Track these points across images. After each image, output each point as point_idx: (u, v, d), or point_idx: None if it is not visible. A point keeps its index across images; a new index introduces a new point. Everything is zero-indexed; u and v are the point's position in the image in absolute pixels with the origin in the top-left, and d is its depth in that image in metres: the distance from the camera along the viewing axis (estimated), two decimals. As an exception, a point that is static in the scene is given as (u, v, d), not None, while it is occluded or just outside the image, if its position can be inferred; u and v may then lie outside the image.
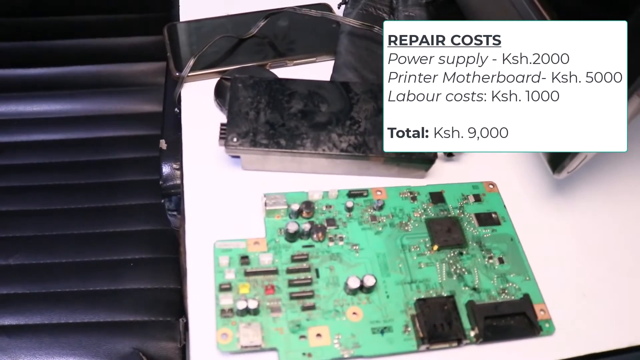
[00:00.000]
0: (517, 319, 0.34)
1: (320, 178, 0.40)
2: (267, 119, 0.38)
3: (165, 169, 0.47)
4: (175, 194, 0.47)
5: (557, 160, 0.36)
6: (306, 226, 0.36)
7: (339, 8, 0.50)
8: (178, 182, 0.47)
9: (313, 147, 0.38)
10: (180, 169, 0.43)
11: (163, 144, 0.47)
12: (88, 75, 0.75)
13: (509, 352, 0.33)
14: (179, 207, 0.48)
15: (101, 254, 0.63)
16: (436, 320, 0.33)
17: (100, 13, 0.72)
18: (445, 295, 0.35)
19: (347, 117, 0.39)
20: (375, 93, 0.40)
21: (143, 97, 0.76)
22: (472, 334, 0.33)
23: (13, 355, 0.57)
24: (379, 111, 0.39)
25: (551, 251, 0.38)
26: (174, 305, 0.60)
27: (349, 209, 0.38)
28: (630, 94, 0.31)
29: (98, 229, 0.65)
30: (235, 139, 0.37)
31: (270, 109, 0.39)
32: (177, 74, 0.45)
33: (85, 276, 0.61)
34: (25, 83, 0.75)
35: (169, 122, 0.51)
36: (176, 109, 0.46)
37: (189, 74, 0.44)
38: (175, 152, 0.47)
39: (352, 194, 0.39)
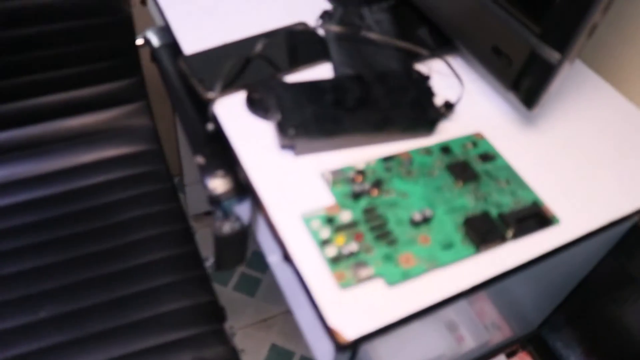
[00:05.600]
0: (535, 218, 0.46)
1: (356, 151, 0.49)
2: (312, 111, 0.47)
3: (211, 180, 0.53)
4: (221, 201, 0.54)
5: (531, 100, 0.48)
6: (366, 186, 0.45)
7: (316, 22, 0.60)
8: (224, 188, 0.54)
9: (352, 127, 0.47)
10: (230, 174, 0.50)
11: (201, 159, 0.54)
12: (62, 129, 0.78)
13: (536, 241, 0.45)
14: (224, 213, 0.55)
15: (129, 288, 0.67)
16: (483, 229, 0.44)
17: (64, 67, 0.75)
18: (480, 212, 0.46)
19: (369, 99, 0.49)
20: (381, 78, 0.51)
21: (119, 140, 0.80)
22: (510, 233, 0.45)
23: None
24: (389, 91, 0.50)
25: (537, 166, 0.50)
26: (214, 314, 0.66)
27: (389, 170, 0.48)
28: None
29: (119, 267, 0.68)
30: (292, 131, 0.46)
31: (311, 103, 0.48)
32: (210, 95, 0.52)
33: (122, 311, 0.65)
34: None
35: (197, 140, 0.57)
36: (209, 126, 0.53)
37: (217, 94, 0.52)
38: (214, 163, 0.54)
39: (386, 159, 0.49)
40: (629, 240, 0.63)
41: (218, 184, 0.54)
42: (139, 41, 0.75)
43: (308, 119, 0.47)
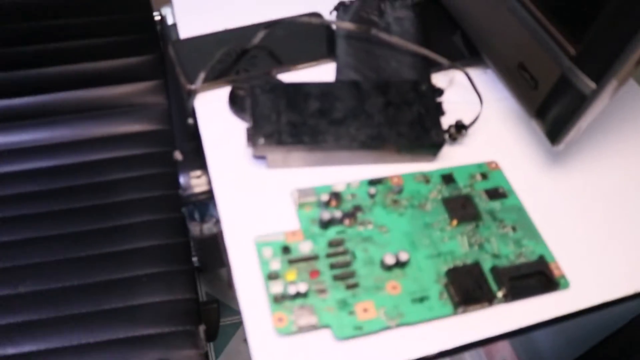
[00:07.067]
0: (537, 277, 0.38)
1: (340, 170, 0.43)
2: (288, 119, 0.41)
3: (184, 179, 0.49)
4: (195, 202, 0.49)
5: (555, 133, 0.40)
6: (337, 214, 0.39)
7: (330, 14, 0.53)
8: (197, 190, 0.49)
9: (334, 142, 0.41)
10: (206, 175, 0.45)
11: (178, 155, 0.49)
12: (75, 100, 0.76)
13: (533, 307, 0.37)
14: (201, 214, 0.50)
15: (112, 273, 0.64)
16: (468, 286, 0.37)
17: (81, 38, 0.72)
18: (470, 263, 0.38)
19: (362, 111, 0.42)
20: (382, 88, 0.44)
21: (131, 117, 0.77)
22: (500, 294, 0.37)
23: (38, 380, 0.57)
24: (389, 104, 0.43)
25: (556, 214, 0.42)
26: (192, 314, 0.62)
27: (372, 196, 0.41)
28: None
29: (105, 250, 0.66)
30: (262, 140, 0.40)
31: (290, 110, 0.42)
32: (191, 86, 0.47)
33: (99, 296, 0.62)
34: (11, 113, 0.75)
35: (180, 134, 0.53)
36: (189, 120, 0.48)
37: (200, 86, 0.47)
38: (192, 162, 0.49)
39: (372, 182, 0.42)
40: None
41: (192, 184, 0.49)
42: (158, 17, 0.71)
43: (283, 128, 0.41)
